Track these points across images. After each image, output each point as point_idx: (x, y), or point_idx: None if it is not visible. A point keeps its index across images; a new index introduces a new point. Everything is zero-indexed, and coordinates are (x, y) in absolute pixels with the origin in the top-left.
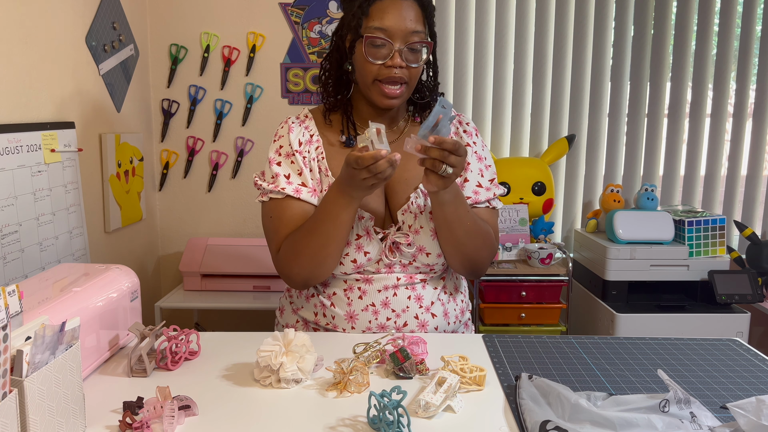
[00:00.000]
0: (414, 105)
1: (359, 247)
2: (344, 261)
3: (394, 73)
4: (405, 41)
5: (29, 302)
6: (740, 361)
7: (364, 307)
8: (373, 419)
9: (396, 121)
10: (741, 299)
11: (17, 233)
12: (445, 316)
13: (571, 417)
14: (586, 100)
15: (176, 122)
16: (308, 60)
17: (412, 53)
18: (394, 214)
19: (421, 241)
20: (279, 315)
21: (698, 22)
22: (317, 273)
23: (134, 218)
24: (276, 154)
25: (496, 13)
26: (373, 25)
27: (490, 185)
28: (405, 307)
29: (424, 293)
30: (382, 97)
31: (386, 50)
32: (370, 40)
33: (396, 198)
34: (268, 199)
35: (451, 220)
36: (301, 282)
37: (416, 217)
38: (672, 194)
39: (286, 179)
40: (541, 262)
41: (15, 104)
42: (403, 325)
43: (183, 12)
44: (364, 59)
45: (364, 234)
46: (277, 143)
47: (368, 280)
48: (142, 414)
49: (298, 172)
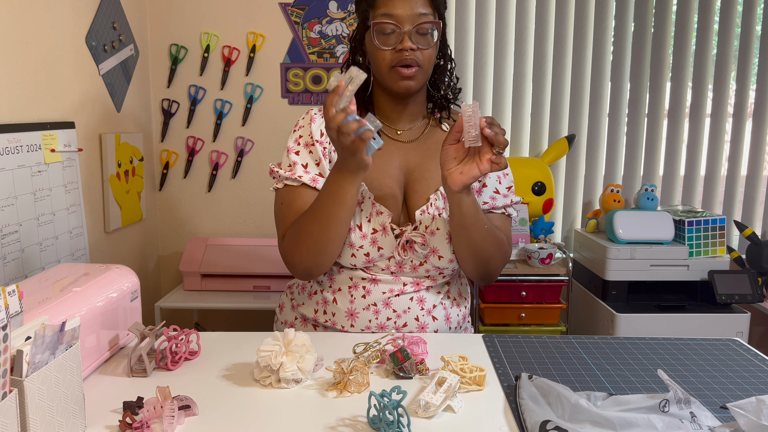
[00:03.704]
0: (433, 102)
1: (374, 242)
2: (357, 253)
3: (406, 55)
4: (412, 24)
5: (29, 302)
6: (740, 361)
7: (366, 306)
8: (373, 419)
9: (416, 118)
10: (741, 299)
11: (17, 233)
12: (447, 320)
13: (571, 417)
14: (586, 100)
15: (176, 122)
16: (308, 60)
17: (422, 36)
18: (411, 213)
19: (435, 242)
20: (278, 312)
21: (698, 21)
22: (319, 260)
23: (134, 218)
24: (295, 143)
25: (496, 13)
26: (380, 12)
27: (508, 192)
28: (406, 308)
29: (427, 296)
30: (398, 79)
31: (395, 36)
32: (378, 26)
33: (415, 197)
34: (283, 185)
35: (470, 222)
36: (304, 270)
37: (434, 219)
38: (672, 194)
39: (303, 168)
40: (541, 262)
41: (15, 104)
42: (402, 325)
43: (183, 12)
44: (375, 47)
45: (380, 229)
46: (297, 133)
47: (374, 281)
48: (142, 414)
49: (316, 162)
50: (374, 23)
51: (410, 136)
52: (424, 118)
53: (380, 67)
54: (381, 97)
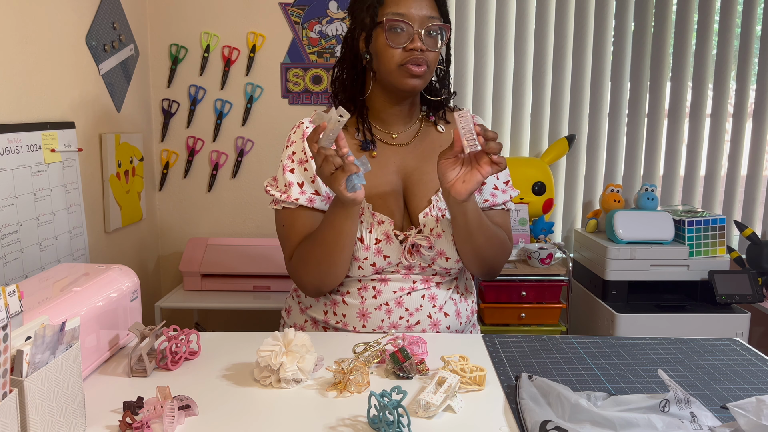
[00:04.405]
0: (428, 105)
1: (378, 252)
2: (363, 265)
3: (417, 55)
4: (422, 25)
5: (29, 302)
6: (740, 361)
7: (377, 305)
8: (373, 419)
9: (411, 120)
10: (741, 299)
11: (17, 233)
12: (458, 315)
13: (571, 417)
14: (586, 100)
15: (176, 122)
16: (308, 60)
17: (430, 38)
18: (414, 217)
19: (441, 245)
20: (286, 316)
21: (698, 21)
22: (326, 281)
23: (134, 218)
24: (289, 160)
25: (496, 13)
26: (391, 11)
27: (506, 187)
28: (419, 306)
29: (438, 293)
30: (407, 77)
31: (406, 35)
32: (390, 23)
33: (416, 201)
34: (282, 207)
35: (474, 228)
36: (314, 289)
37: (438, 221)
38: (672, 194)
39: (299, 188)
40: (541, 262)
41: (15, 104)
42: (415, 323)
43: (183, 12)
44: (385, 45)
45: (383, 238)
46: (290, 149)
47: (384, 281)
48: (142, 414)
49: (312, 180)
50: (387, 20)
51: (405, 138)
52: (418, 120)
53: (388, 65)
54: (379, 98)
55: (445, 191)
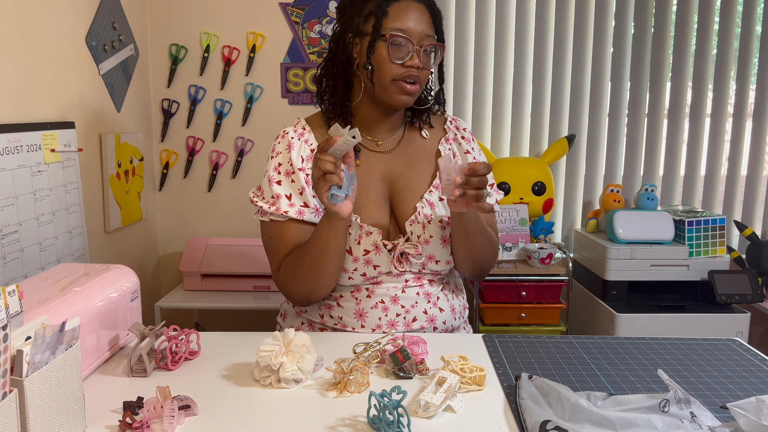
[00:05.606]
0: (412, 111)
1: (368, 262)
2: (353, 276)
3: (413, 72)
4: (420, 43)
5: (29, 302)
6: (740, 361)
7: (373, 304)
8: (373, 419)
9: (396, 127)
10: (741, 299)
11: (17, 233)
12: (452, 311)
13: (571, 417)
14: (586, 100)
15: (176, 122)
16: (308, 60)
17: (426, 55)
18: (401, 224)
19: (430, 250)
20: (281, 320)
21: (698, 21)
22: (315, 291)
23: (134, 218)
24: (275, 171)
25: (496, 13)
26: (394, 25)
27: (491, 191)
28: (414, 303)
29: (432, 289)
30: (401, 94)
31: (405, 50)
32: (394, 39)
33: (402, 208)
34: (269, 219)
35: (473, 234)
36: (302, 300)
37: (425, 227)
38: (672, 194)
39: (287, 200)
40: (541, 262)
41: (15, 104)
42: (412, 320)
43: (183, 12)
44: (385, 59)
45: (372, 249)
46: (276, 160)
47: (377, 283)
48: (142, 414)
49: (300, 191)
50: (391, 35)
51: (390, 145)
52: (402, 126)
53: (384, 78)
54: (365, 107)
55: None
